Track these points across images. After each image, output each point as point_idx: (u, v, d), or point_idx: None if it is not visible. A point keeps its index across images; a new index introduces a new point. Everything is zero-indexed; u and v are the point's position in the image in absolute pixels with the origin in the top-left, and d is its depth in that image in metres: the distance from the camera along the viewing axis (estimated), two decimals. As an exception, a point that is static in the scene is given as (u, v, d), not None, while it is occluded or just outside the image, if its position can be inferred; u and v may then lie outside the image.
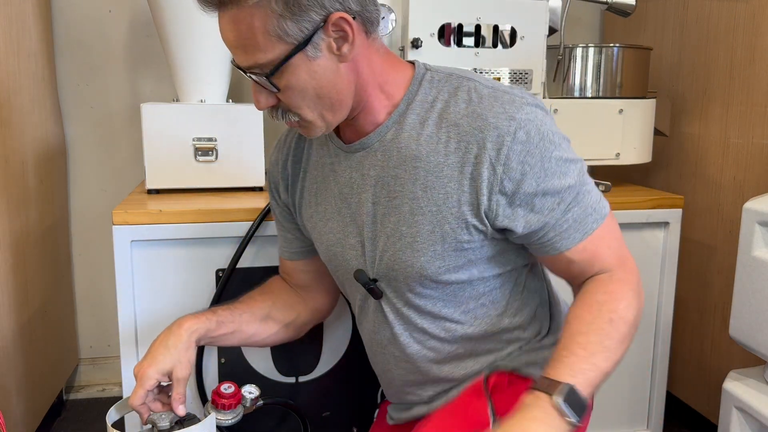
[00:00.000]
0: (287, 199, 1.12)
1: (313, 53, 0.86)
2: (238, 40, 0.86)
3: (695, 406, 1.89)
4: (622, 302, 0.90)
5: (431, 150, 0.92)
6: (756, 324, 1.26)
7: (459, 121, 0.91)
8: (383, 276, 0.99)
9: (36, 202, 1.74)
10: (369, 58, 0.92)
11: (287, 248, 1.17)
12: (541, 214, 0.91)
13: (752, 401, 1.25)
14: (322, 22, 0.85)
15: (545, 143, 0.89)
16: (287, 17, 0.83)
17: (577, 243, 0.92)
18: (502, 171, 0.88)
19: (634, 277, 0.94)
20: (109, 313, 2.11)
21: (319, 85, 0.88)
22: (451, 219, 0.92)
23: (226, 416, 1.07)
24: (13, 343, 1.56)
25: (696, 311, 1.86)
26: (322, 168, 1.04)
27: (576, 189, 0.91)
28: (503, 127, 0.88)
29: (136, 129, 1.99)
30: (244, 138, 1.54)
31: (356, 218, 1.00)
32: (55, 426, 1.94)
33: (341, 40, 0.87)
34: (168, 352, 1.01)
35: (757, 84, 1.62)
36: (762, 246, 1.26)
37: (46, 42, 1.86)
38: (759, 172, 1.62)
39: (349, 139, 1.00)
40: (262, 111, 0.94)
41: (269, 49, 0.85)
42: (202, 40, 1.53)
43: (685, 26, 1.87)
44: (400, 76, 0.96)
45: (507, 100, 0.90)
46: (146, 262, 1.34)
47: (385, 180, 0.96)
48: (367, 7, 0.89)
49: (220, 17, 0.88)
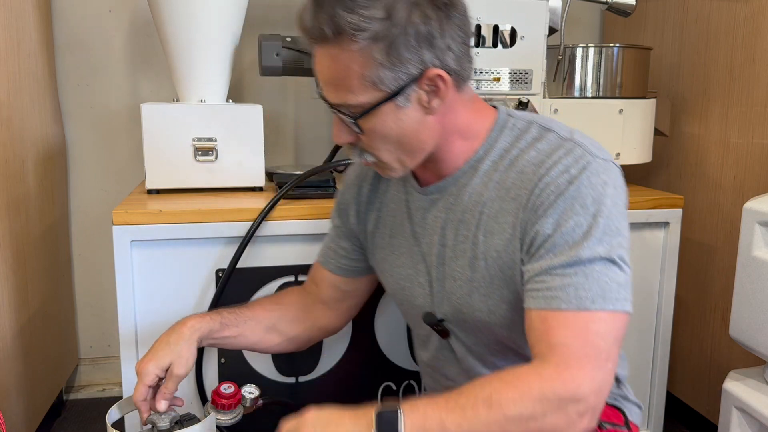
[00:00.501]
0: (355, 225, 1.13)
1: (403, 103, 0.87)
2: (333, 78, 0.88)
3: (695, 406, 1.89)
4: (513, 393, 0.78)
5: (496, 196, 0.93)
6: (756, 324, 1.26)
7: (525, 169, 0.91)
8: (451, 317, 1.00)
9: (36, 202, 1.74)
10: (455, 109, 0.93)
11: (335, 261, 1.16)
12: (544, 260, 0.86)
13: (752, 401, 1.25)
14: (418, 75, 0.86)
15: (597, 205, 0.85)
16: (386, 66, 0.84)
17: (544, 308, 0.84)
18: (531, 211, 0.88)
19: (562, 389, 0.78)
20: (109, 313, 2.11)
21: (402, 133, 0.90)
22: (511, 264, 0.91)
23: (226, 416, 1.07)
24: (13, 343, 1.56)
25: (696, 311, 1.86)
26: (399, 204, 1.06)
27: (599, 261, 0.84)
28: (556, 178, 0.87)
29: (136, 129, 1.99)
30: (244, 138, 1.54)
31: (426, 258, 1.01)
32: (55, 426, 1.93)
33: (432, 94, 0.88)
34: (168, 348, 1.01)
35: (757, 84, 1.62)
36: (762, 246, 1.26)
37: (46, 42, 1.86)
38: (759, 172, 1.62)
39: (425, 181, 1.01)
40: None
41: (361, 93, 0.86)
42: (202, 40, 1.53)
43: (685, 26, 1.87)
44: (482, 122, 0.96)
45: (578, 154, 0.89)
46: (146, 262, 1.34)
47: (453, 223, 0.97)
48: (464, 65, 0.90)
49: (318, 50, 0.88)
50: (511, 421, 0.77)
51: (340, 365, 1.46)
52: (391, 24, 0.82)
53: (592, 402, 0.79)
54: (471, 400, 0.79)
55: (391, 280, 1.09)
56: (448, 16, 0.86)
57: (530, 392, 0.78)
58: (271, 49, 1.58)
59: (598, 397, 0.80)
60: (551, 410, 0.78)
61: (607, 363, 0.81)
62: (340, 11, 0.82)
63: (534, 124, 0.94)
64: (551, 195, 0.86)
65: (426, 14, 0.84)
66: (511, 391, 0.78)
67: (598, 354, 0.80)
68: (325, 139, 2.16)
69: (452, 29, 0.87)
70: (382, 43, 0.83)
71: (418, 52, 0.84)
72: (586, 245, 0.83)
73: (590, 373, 0.79)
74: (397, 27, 0.82)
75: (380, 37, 0.82)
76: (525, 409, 0.77)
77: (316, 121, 2.15)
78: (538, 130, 0.93)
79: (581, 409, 0.78)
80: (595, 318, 0.82)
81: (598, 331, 0.81)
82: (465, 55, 0.90)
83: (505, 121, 0.96)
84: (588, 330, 0.81)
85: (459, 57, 0.88)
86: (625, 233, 0.87)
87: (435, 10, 0.84)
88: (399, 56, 0.84)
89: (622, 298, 0.83)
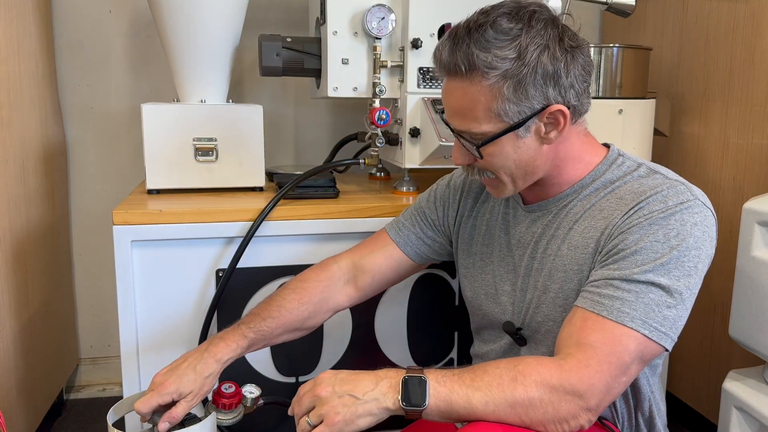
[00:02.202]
0: (447, 224, 1.20)
1: (523, 134, 0.93)
2: (460, 108, 0.94)
3: (695, 406, 1.89)
4: (536, 377, 0.83)
5: (589, 215, 0.97)
6: (756, 324, 1.26)
7: (625, 196, 0.94)
8: (528, 326, 1.04)
9: (36, 202, 1.74)
10: (570, 140, 0.98)
11: (416, 246, 1.20)
12: (609, 269, 0.90)
13: (752, 401, 1.25)
14: (541, 109, 0.91)
15: (679, 240, 0.88)
16: (512, 101, 0.90)
17: (588, 309, 0.89)
18: (617, 231, 0.92)
19: (578, 383, 0.83)
20: (110, 313, 2.11)
21: (519, 159, 0.95)
22: (587, 278, 0.94)
23: (227, 416, 1.07)
24: (14, 343, 1.56)
25: (696, 311, 1.86)
26: (497, 216, 1.11)
27: (657, 288, 0.87)
28: (652, 205, 0.91)
29: (137, 129, 1.99)
30: (244, 138, 1.54)
31: (516, 269, 1.06)
32: (55, 426, 1.94)
33: (551, 126, 0.93)
34: (194, 376, 1.03)
35: (756, 84, 1.62)
36: (762, 246, 1.26)
37: (46, 42, 1.86)
38: (759, 172, 1.62)
39: (528, 199, 1.06)
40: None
41: (485, 123, 0.92)
42: (202, 40, 1.53)
43: (684, 26, 1.88)
44: (593, 155, 1.01)
45: (681, 191, 0.92)
46: (146, 262, 1.34)
47: (545, 238, 1.02)
48: (583, 100, 0.95)
49: (449, 82, 0.94)
50: (531, 403, 0.82)
51: (340, 365, 1.46)
52: (522, 64, 0.88)
53: (594, 403, 0.83)
54: (497, 380, 0.83)
55: (475, 284, 1.14)
56: (574, 56, 0.92)
57: (550, 380, 0.83)
58: (271, 49, 1.58)
59: (602, 401, 0.84)
60: (563, 399, 0.82)
61: (623, 377, 0.85)
62: (476, 50, 0.88)
63: (643, 166, 0.99)
64: (641, 218, 0.90)
65: (555, 56, 0.89)
66: (534, 375, 0.83)
67: (619, 365, 0.84)
68: (325, 139, 2.16)
69: (576, 69, 0.92)
70: (511, 80, 0.89)
71: (543, 90, 0.90)
72: (651, 271, 0.87)
73: (605, 379, 0.83)
74: (527, 66, 0.88)
75: (510, 75, 0.89)
76: (544, 394, 0.82)
77: (316, 121, 2.16)
78: (646, 170, 0.98)
79: (585, 406, 0.83)
80: (629, 334, 0.85)
81: (627, 346, 0.85)
82: (585, 92, 0.95)
83: (616, 157, 1.01)
84: (618, 342, 0.85)
85: (579, 93, 0.94)
86: (696, 278, 0.89)
87: (563, 51, 0.90)
88: (526, 93, 0.90)
89: (663, 333, 0.86)
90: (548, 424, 0.83)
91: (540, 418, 0.83)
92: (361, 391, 0.84)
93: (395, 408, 0.84)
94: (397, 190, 1.61)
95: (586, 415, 0.84)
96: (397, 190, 1.61)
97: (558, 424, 0.83)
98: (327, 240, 1.42)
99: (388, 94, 1.56)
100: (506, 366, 0.85)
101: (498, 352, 1.11)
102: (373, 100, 1.55)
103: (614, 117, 1.62)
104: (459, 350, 1.52)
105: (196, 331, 1.37)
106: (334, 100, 2.13)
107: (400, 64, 1.55)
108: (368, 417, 0.84)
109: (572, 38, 0.92)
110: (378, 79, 1.54)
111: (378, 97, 1.53)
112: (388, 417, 0.86)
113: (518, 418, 0.83)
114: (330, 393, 0.85)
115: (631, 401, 1.04)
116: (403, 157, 1.55)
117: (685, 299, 0.88)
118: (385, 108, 1.51)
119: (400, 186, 1.61)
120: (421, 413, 0.84)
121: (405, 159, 1.55)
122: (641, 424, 1.05)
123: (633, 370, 0.86)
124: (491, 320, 1.12)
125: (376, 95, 1.53)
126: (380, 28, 1.52)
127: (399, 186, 1.61)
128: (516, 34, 0.89)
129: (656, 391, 1.05)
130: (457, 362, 1.53)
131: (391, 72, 1.57)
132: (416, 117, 1.53)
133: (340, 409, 0.84)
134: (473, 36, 0.89)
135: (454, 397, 0.83)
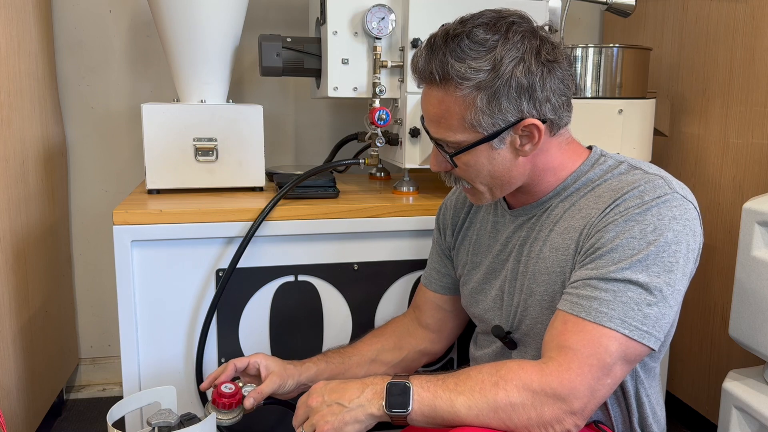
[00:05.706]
0: (450, 241, 1.21)
1: (498, 145, 0.94)
2: (436, 116, 0.95)
3: (695, 406, 1.89)
4: (517, 382, 0.84)
5: (568, 215, 0.97)
6: (756, 324, 1.26)
7: (603, 194, 0.95)
8: (517, 330, 1.04)
9: (36, 202, 1.75)
10: (549, 152, 0.98)
11: (438, 281, 1.23)
12: (587, 269, 0.90)
13: (752, 401, 1.25)
14: (515, 122, 0.91)
15: (656, 235, 0.87)
16: (486, 113, 0.90)
17: (568, 311, 0.89)
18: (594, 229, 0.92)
19: (558, 387, 0.83)
20: (110, 313, 2.11)
21: (494, 170, 0.97)
22: (569, 279, 0.95)
23: (227, 416, 1.07)
24: (14, 343, 1.56)
25: (696, 311, 1.86)
26: (486, 224, 1.13)
27: (635, 286, 0.86)
28: (629, 201, 0.90)
29: (137, 129, 1.99)
30: (244, 138, 1.54)
31: (503, 274, 1.07)
32: (55, 426, 1.94)
33: (526, 138, 0.94)
34: (282, 366, 1.13)
35: (756, 84, 1.62)
36: (762, 246, 1.26)
37: (46, 42, 1.86)
38: (758, 172, 1.62)
39: (513, 203, 1.08)
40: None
41: (459, 133, 0.93)
42: (202, 40, 1.53)
43: (684, 26, 1.88)
44: (574, 161, 1.01)
45: (658, 185, 0.91)
46: (146, 262, 1.34)
47: (529, 241, 1.02)
48: (561, 114, 0.95)
49: (426, 90, 0.96)
50: (514, 407, 0.83)
51: (340, 365, 1.46)
52: (496, 76, 0.88)
53: (578, 406, 0.83)
54: (479, 385, 0.85)
55: (466, 289, 1.16)
56: (551, 70, 0.91)
57: (531, 384, 0.83)
58: (271, 50, 1.58)
59: (586, 404, 0.84)
60: (545, 403, 0.83)
61: (606, 378, 0.85)
62: (451, 60, 0.89)
63: (624, 163, 0.99)
64: (617, 215, 0.90)
65: (530, 69, 0.89)
66: (515, 380, 0.84)
67: (600, 366, 0.84)
68: (325, 139, 2.16)
69: (553, 83, 0.92)
70: (484, 92, 0.89)
71: (517, 103, 0.90)
72: (628, 268, 0.86)
73: (587, 381, 0.83)
74: (500, 79, 0.88)
75: (483, 86, 0.89)
76: (526, 398, 0.83)
77: (316, 121, 2.16)
78: (627, 167, 0.98)
79: (568, 409, 0.83)
80: (609, 335, 0.85)
81: (608, 347, 0.84)
82: (564, 105, 0.95)
83: (597, 158, 1.01)
84: (598, 343, 0.85)
85: (557, 107, 0.93)
86: (678, 273, 0.87)
87: (539, 65, 0.90)
88: (499, 105, 0.90)
89: (645, 332, 0.85)
90: (533, 428, 0.83)
91: (524, 423, 0.83)
92: (347, 399, 0.87)
93: (380, 414, 0.86)
94: (397, 190, 1.61)
95: (571, 419, 0.83)
96: (397, 190, 1.61)
97: (543, 429, 0.83)
98: (327, 240, 1.42)
99: (388, 94, 1.56)
100: (489, 371, 0.86)
101: (490, 356, 1.12)
102: (373, 100, 1.55)
103: (614, 117, 1.62)
104: (459, 350, 1.52)
105: (196, 331, 1.37)
106: (334, 100, 2.13)
107: (400, 64, 1.55)
108: (355, 424, 0.86)
109: (550, 52, 0.92)
110: (378, 79, 1.54)
111: (378, 97, 1.54)
112: (375, 423, 0.88)
113: (502, 423, 0.83)
114: (320, 403, 0.89)
115: (624, 405, 1.02)
116: (403, 157, 1.55)
117: (667, 296, 0.86)
118: (385, 108, 1.51)
119: (400, 186, 1.61)
120: (405, 418, 0.85)
121: (405, 159, 1.55)
122: (636, 430, 1.03)
123: (617, 372, 0.85)
124: (483, 325, 1.13)
125: (376, 95, 1.54)
126: (380, 28, 1.52)
127: (399, 186, 1.61)
128: (492, 45, 0.89)
129: (652, 396, 1.03)
130: (457, 363, 1.53)
131: (391, 72, 1.57)
132: (416, 117, 1.53)
133: (329, 417, 0.86)
134: (449, 45, 0.90)
135: (438, 402, 0.84)
